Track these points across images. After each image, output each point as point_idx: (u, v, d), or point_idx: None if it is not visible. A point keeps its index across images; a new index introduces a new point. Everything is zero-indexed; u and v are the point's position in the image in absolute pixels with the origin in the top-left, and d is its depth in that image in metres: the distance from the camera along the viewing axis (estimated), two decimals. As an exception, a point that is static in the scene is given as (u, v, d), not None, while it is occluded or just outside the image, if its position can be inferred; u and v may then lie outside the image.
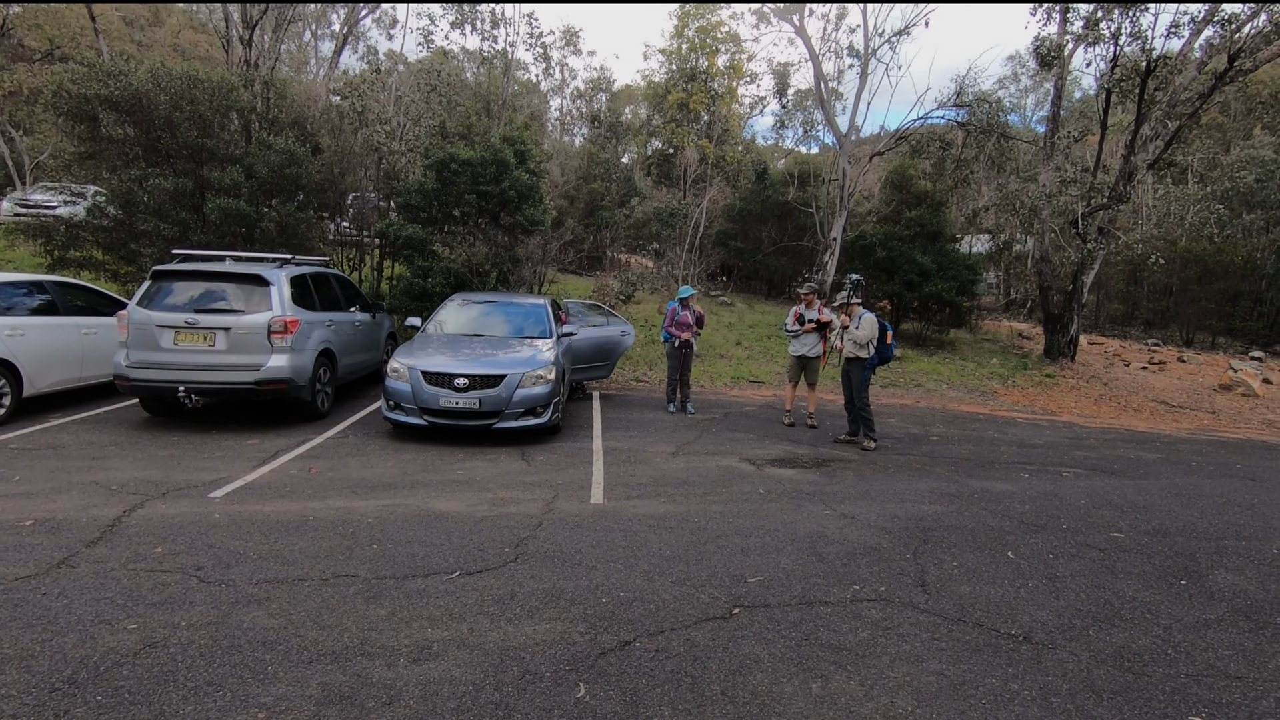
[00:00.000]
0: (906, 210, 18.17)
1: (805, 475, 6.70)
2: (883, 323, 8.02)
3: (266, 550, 4.20)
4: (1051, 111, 17.80)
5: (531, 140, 13.20)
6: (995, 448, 8.67)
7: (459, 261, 11.88)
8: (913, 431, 9.41)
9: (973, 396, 13.07)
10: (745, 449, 7.71)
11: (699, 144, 24.54)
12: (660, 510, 5.37)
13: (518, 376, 7.27)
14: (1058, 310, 17.32)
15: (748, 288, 26.04)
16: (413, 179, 12.12)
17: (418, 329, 8.66)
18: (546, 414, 7.45)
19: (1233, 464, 8.62)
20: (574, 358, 9.51)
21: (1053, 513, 5.85)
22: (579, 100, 32.51)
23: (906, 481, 6.66)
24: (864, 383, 8.08)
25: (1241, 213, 27.50)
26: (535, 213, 12.97)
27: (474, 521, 4.89)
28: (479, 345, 8.00)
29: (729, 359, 14.41)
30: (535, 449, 7.20)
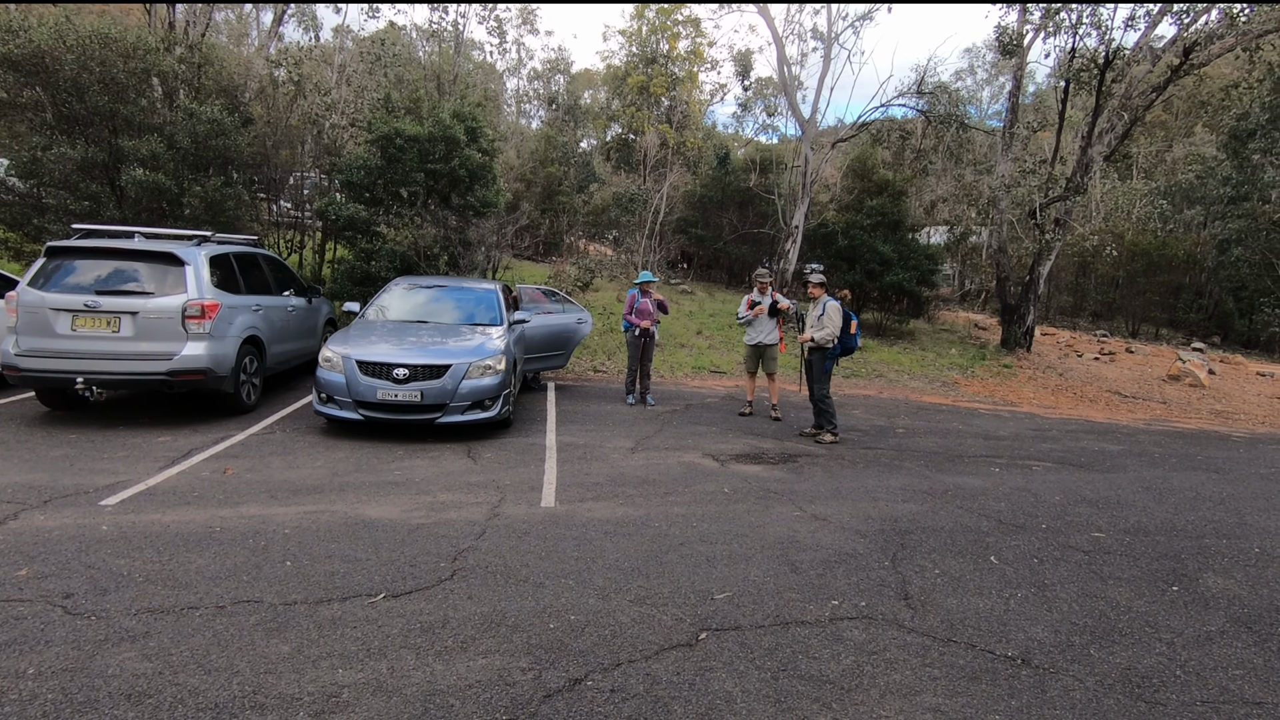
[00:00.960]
0: (868, 199, 18.01)
1: (772, 472, 6.31)
2: (847, 311, 7.67)
3: (156, 571, 3.59)
4: (1010, 102, 17.82)
5: (484, 118, 12.50)
6: (962, 440, 8.45)
7: (405, 244, 11.16)
8: (878, 424, 9.14)
9: (934, 387, 12.94)
10: (708, 443, 7.30)
11: (659, 129, 24.02)
12: (618, 514, 4.90)
13: (464, 367, 6.69)
14: (1014, 301, 17.41)
15: (709, 276, 25.69)
16: (355, 154, 11.32)
17: (356, 315, 7.99)
18: (496, 407, 6.90)
19: (1193, 455, 8.57)
20: (527, 347, 8.96)
21: (1029, 510, 5.58)
22: (536, 81, 31.61)
23: (877, 478, 6.34)
24: (825, 374, 7.74)
25: (1183, 208, 28.32)
26: (488, 194, 12.30)
27: (407, 531, 4.34)
28: (422, 333, 7.38)
29: (690, 348, 14.01)
30: (483, 445, 6.65)
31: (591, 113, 28.64)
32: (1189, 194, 28.63)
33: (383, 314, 7.92)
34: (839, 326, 7.55)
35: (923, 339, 17.90)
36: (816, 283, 7.87)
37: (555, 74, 30.55)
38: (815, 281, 7.88)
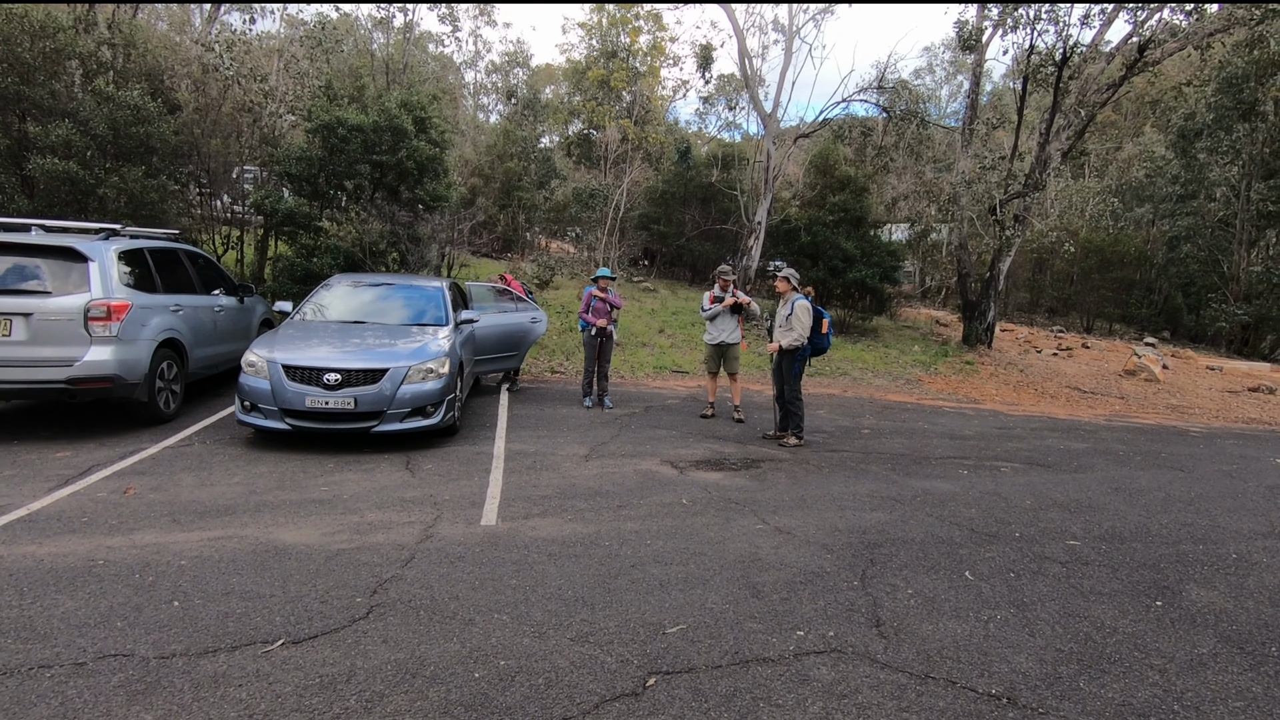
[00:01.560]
0: (831, 195, 17.86)
1: (734, 480, 5.95)
2: (818, 309, 7.36)
3: (12, 618, 3.05)
4: (969, 99, 17.84)
5: (434, 108, 11.92)
6: (928, 440, 8.22)
7: (349, 240, 10.55)
8: (843, 424, 8.88)
9: (899, 385, 12.79)
10: (667, 449, 6.92)
11: (621, 124, 23.59)
12: (565, 532, 4.47)
13: (403, 370, 6.19)
14: (975, 298, 17.44)
15: (671, 273, 25.37)
16: (294, 145, 10.66)
17: (288, 315, 7.41)
18: (438, 414, 6.41)
19: (1157, 453, 8.49)
20: (478, 348, 8.47)
21: (1001, 517, 5.32)
22: (494, 75, 30.86)
23: (844, 483, 6.03)
24: (796, 375, 7.42)
25: (1133, 206, 28.96)
26: (438, 187, 11.74)
27: (325, 558, 3.85)
28: (359, 334, 6.84)
29: (651, 347, 13.62)
30: (424, 455, 6.16)
31: (552, 107, 28.05)
32: (1138, 192, 29.27)
33: (317, 314, 7.35)
34: (808, 327, 7.23)
35: (886, 336, 17.83)
36: (783, 277, 7.54)
37: (514, 67, 29.88)
38: (782, 276, 7.55)
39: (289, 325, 7.00)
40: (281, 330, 6.81)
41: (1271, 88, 21.22)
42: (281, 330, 6.81)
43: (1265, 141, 22.14)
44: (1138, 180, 29.28)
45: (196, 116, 10.36)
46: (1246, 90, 21.35)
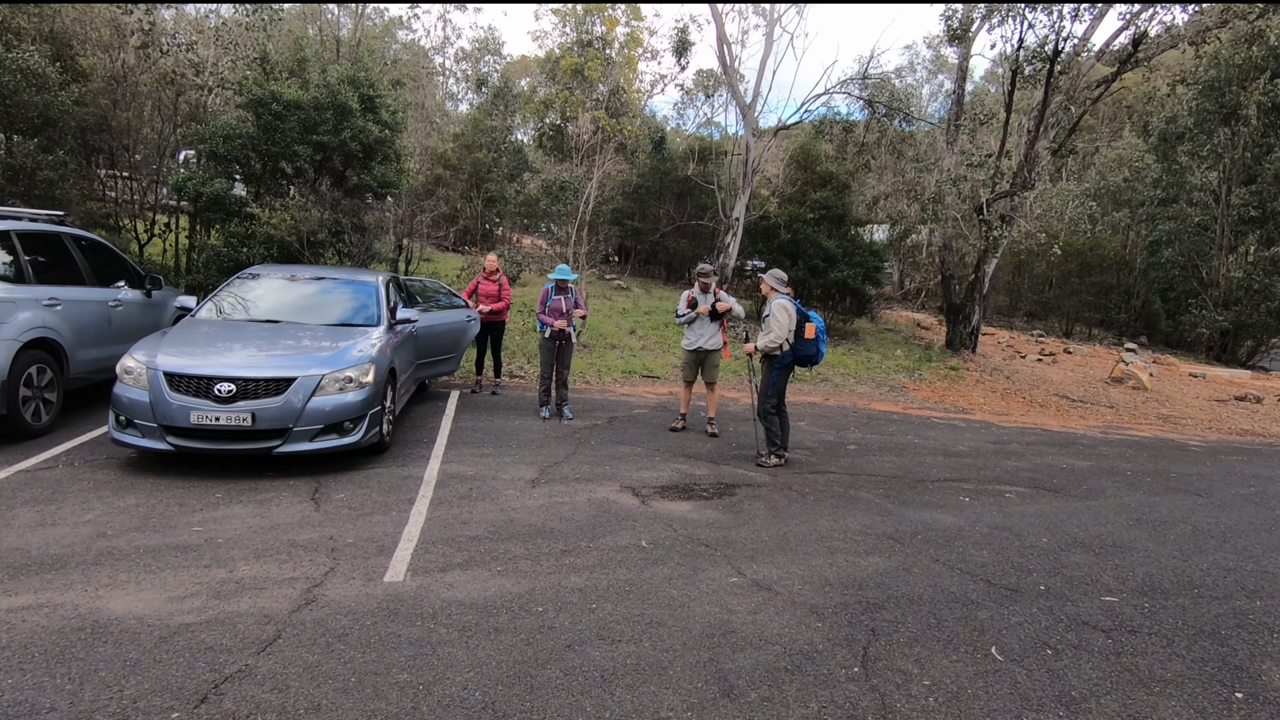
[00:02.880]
0: (811, 191, 17.09)
1: (704, 512, 5.07)
2: (804, 311, 6.49)
3: None
4: (955, 93, 17.20)
5: (385, 86, 10.88)
6: (921, 458, 7.43)
7: (284, 227, 9.48)
8: (827, 439, 8.05)
9: (882, 392, 12.03)
10: (630, 470, 6.01)
11: (596, 115, 22.61)
12: (490, 591, 3.55)
13: (313, 380, 5.20)
14: (959, 301, 16.81)
15: (646, 271, 24.47)
16: (223, 122, 9.56)
17: (189, 312, 6.36)
18: (359, 430, 5.43)
19: (1165, 472, 7.79)
20: (420, 351, 7.49)
21: (1018, 561, 4.50)
22: (464, 62, 29.67)
23: (832, 515, 5.17)
24: (771, 384, 6.54)
25: (1110, 210, 28.72)
26: (387, 172, 10.71)
27: (156, 640, 2.89)
28: (269, 336, 5.83)
29: (621, 350, 12.72)
30: (338, 480, 5.18)
31: (523, 97, 26.97)
32: (1116, 196, 29.05)
33: (224, 311, 6.32)
34: (787, 329, 6.36)
35: (867, 339, 17.12)
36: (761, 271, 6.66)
37: (485, 54, 28.72)
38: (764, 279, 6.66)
39: (185, 325, 5.96)
40: (173, 331, 5.78)
41: (1254, 91, 20.93)
42: (173, 331, 5.78)
43: (1246, 146, 21.87)
44: (1116, 184, 29.05)
45: (107, 86, 9.18)
46: (1229, 94, 21.06)
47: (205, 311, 6.28)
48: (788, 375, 6.58)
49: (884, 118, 19.92)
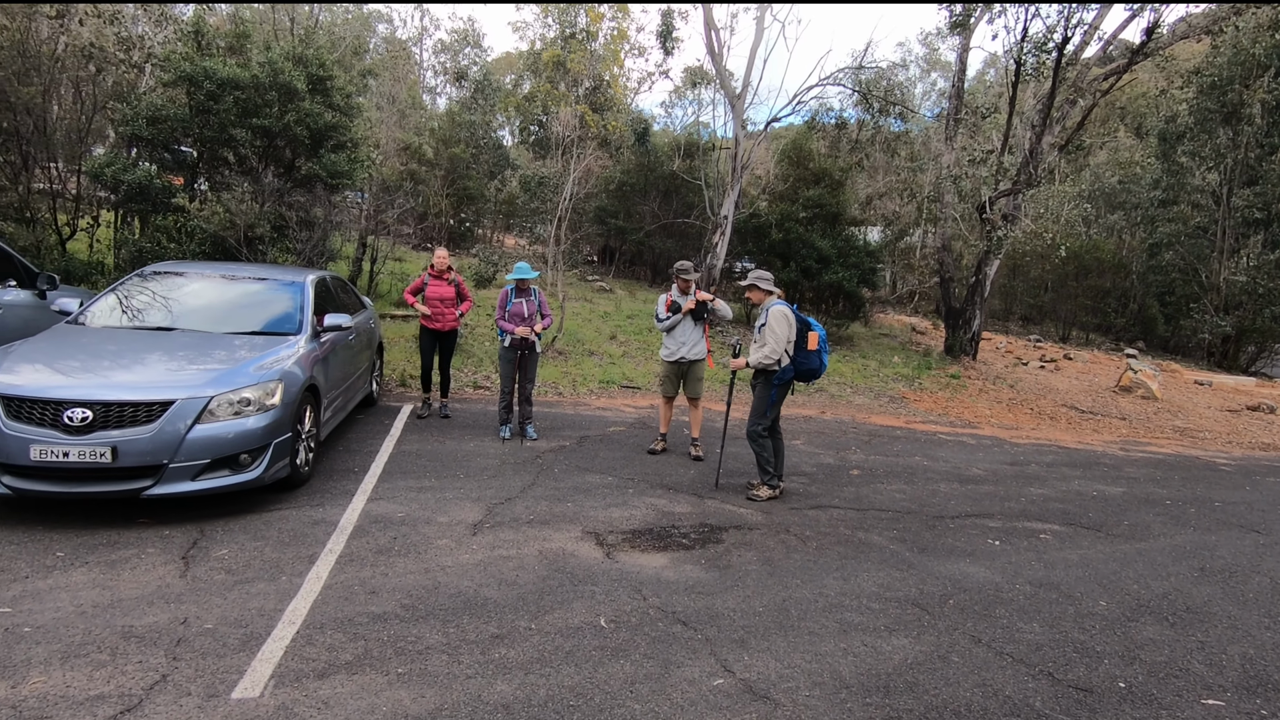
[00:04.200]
0: (804, 189, 16.17)
1: (683, 569, 4.08)
2: (803, 319, 5.52)
3: None
4: (955, 86, 16.34)
5: (336, 65, 9.84)
6: (933, 486, 6.49)
7: (217, 221, 8.41)
8: (827, 461, 7.10)
9: (882, 404, 11.11)
10: (596, 508, 5.02)
11: (579, 109, 21.64)
12: (378, 714, 2.55)
13: (198, 403, 4.17)
14: (959, 304, 15.95)
15: (631, 273, 23.50)
16: (145, 101, 8.49)
17: (67, 317, 5.30)
18: (259, 464, 4.40)
19: (1209, 501, 6.90)
20: (351, 363, 6.47)
21: (1079, 640, 3.55)
22: (443, 54, 28.56)
23: (841, 572, 4.21)
24: (768, 403, 5.57)
25: (1105, 212, 28.08)
26: (339, 160, 9.65)
27: None
28: (153, 347, 4.78)
29: (600, 357, 11.72)
30: (229, 528, 4.15)
31: (503, 91, 25.94)
32: (1111, 198, 28.43)
33: (108, 316, 5.27)
34: (785, 340, 5.39)
35: (862, 345, 16.22)
36: (750, 284, 5.69)
37: (465, 46, 27.64)
38: (748, 284, 5.70)
39: (51, 334, 4.91)
40: (32, 341, 4.72)
41: (1258, 89, 20.27)
42: (32, 341, 4.72)
43: (1249, 146, 21.18)
44: (1111, 186, 28.40)
45: (8, 57, 8.03)
46: (1231, 92, 20.37)
47: (86, 316, 5.23)
48: (786, 392, 5.61)
49: (879, 113, 19.07)
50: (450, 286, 7.13)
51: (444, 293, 7.08)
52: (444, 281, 7.12)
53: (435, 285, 7.07)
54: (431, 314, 7.07)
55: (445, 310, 7.10)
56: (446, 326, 7.15)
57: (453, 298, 7.14)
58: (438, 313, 7.07)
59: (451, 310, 7.14)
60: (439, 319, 7.10)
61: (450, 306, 7.13)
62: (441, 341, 7.24)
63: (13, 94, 7.68)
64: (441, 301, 7.08)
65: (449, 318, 7.14)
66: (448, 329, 7.16)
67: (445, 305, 7.11)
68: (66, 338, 4.77)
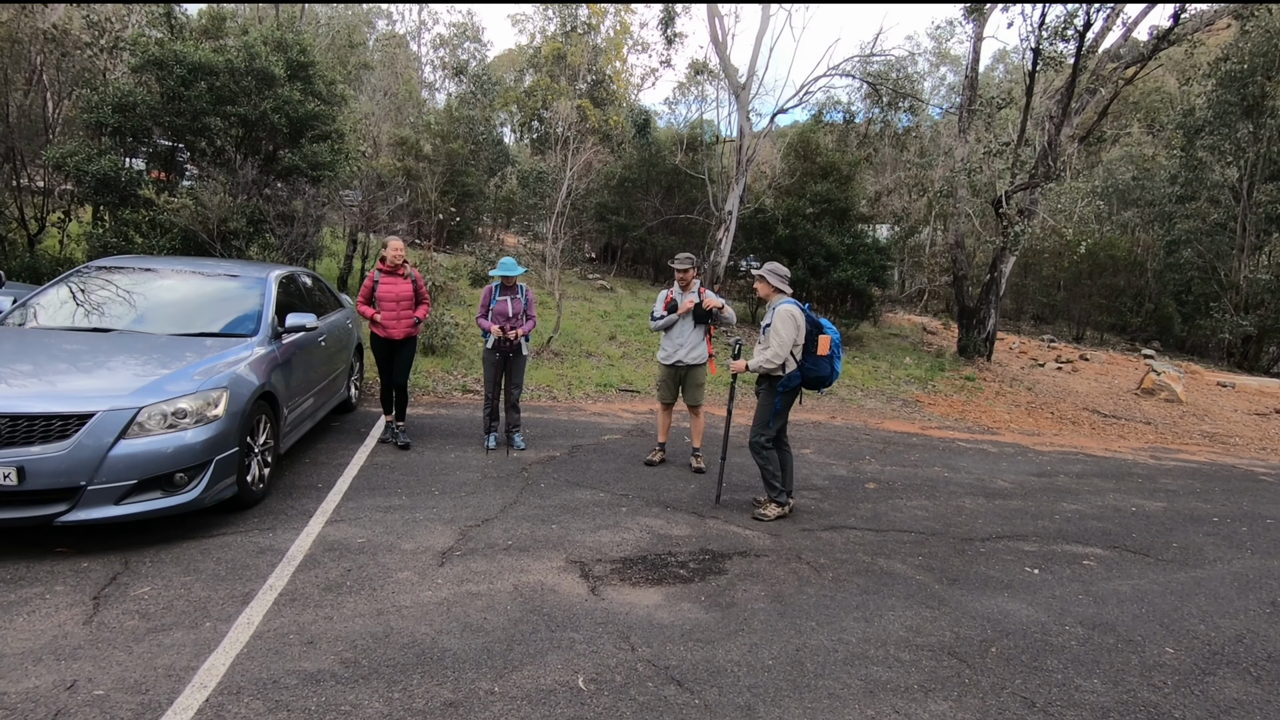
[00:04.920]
0: (811, 184, 15.59)
1: (679, 608, 3.53)
2: (814, 319, 4.95)
3: None
4: (968, 76, 15.72)
5: (319, 50, 9.32)
6: (958, 501, 5.92)
7: (186, 214, 7.89)
8: (839, 473, 6.53)
9: (895, 408, 10.53)
10: (584, 530, 4.47)
11: (580, 103, 21.09)
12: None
13: (123, 415, 3.64)
14: (973, 303, 15.35)
15: (633, 271, 22.94)
16: (112, 87, 7.97)
17: (2, 315, 4.77)
18: (197, 484, 3.85)
19: (1259, 517, 6.30)
20: (323, 367, 5.93)
21: (1152, 703, 2.98)
22: (442, 49, 28.05)
23: (862, 611, 3.65)
24: (772, 412, 5.00)
25: (1119, 209, 27.39)
26: (319, 151, 9.13)
27: None
28: (83, 351, 4.25)
29: (598, 359, 11.18)
30: (158, 559, 3.62)
31: (503, 85, 25.40)
32: (1125, 195, 27.72)
33: (39, 317, 4.74)
34: (790, 343, 4.83)
35: (872, 345, 15.63)
36: (760, 275, 5.12)
37: (464, 41, 27.12)
38: (759, 274, 5.13)
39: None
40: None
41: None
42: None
43: (1272, 139, 20.49)
44: (1125, 182, 27.69)
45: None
46: (1252, 85, 19.66)
47: (16, 316, 4.70)
48: (793, 401, 5.04)
49: (888, 106, 18.47)
50: (407, 283, 6.03)
51: (399, 291, 5.97)
52: (399, 277, 6.01)
53: (389, 283, 5.95)
54: (383, 319, 5.90)
55: (401, 313, 5.97)
56: (402, 333, 5.99)
57: (409, 297, 6.03)
58: (391, 316, 5.92)
59: (408, 313, 6.02)
60: (392, 324, 5.93)
61: (406, 308, 6.01)
62: (396, 352, 6.04)
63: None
64: (396, 302, 5.94)
65: (404, 323, 6.00)
66: (403, 335, 6.01)
67: (401, 307, 5.97)
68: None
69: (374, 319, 5.92)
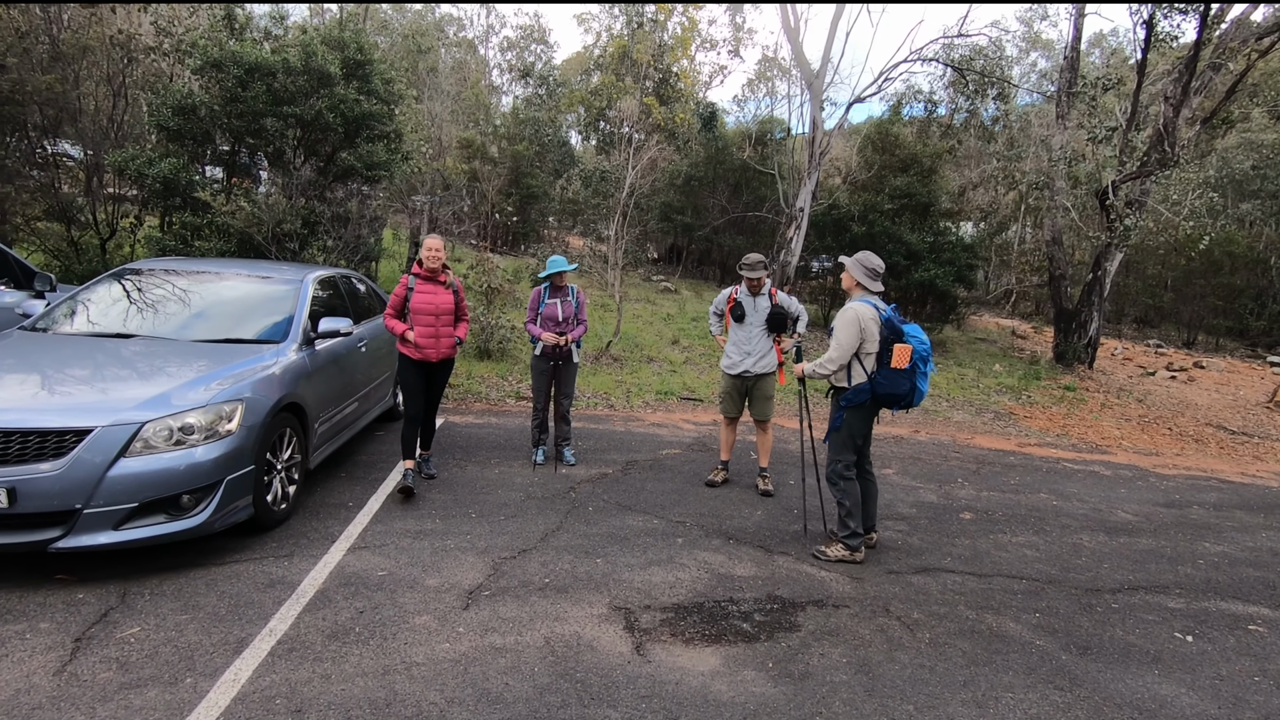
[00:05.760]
0: (890, 177, 14.58)
1: (740, 680, 2.90)
2: (896, 323, 4.19)
3: None
4: (1068, 56, 14.35)
5: (372, 47, 9.12)
6: (1073, 538, 5.04)
7: (242, 217, 7.78)
8: (928, 499, 5.74)
9: (986, 421, 9.52)
10: (632, 567, 3.90)
11: (645, 100, 20.59)
12: None
13: (123, 431, 3.30)
14: (1073, 305, 13.97)
15: (699, 273, 22.29)
16: (173, 90, 7.95)
17: (30, 320, 4.60)
18: (206, 506, 3.49)
19: None
20: (364, 373, 5.58)
21: None
22: (509, 52, 28.14)
23: (972, 694, 2.93)
24: (838, 433, 4.25)
25: (1235, 202, 24.84)
26: (375, 151, 8.92)
27: None
28: (96, 358, 3.98)
29: (659, 364, 10.61)
30: (157, 592, 3.26)
31: (568, 86, 25.21)
32: (1243, 186, 25.14)
33: (67, 322, 4.53)
34: (849, 349, 4.09)
35: (957, 350, 14.46)
36: (844, 262, 4.38)
37: (530, 43, 27.13)
38: (848, 268, 4.38)
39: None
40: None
41: None
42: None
43: None
44: (1243, 172, 25.10)
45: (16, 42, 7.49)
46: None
47: (48, 320, 4.51)
48: (866, 420, 4.27)
49: (974, 94, 17.15)
50: (448, 293, 4.81)
51: (439, 303, 4.74)
52: (439, 285, 4.78)
53: (426, 292, 4.73)
54: (418, 337, 4.70)
55: (440, 330, 4.76)
56: (440, 354, 4.79)
57: (450, 311, 4.81)
58: (429, 334, 4.71)
59: (449, 330, 4.83)
60: (429, 344, 4.72)
61: (447, 325, 4.81)
62: (431, 379, 4.89)
63: (30, 82, 7.23)
64: (435, 317, 4.72)
65: (444, 342, 4.79)
66: (441, 358, 4.82)
67: (441, 323, 4.75)
68: (4, 347, 4.02)
69: (405, 336, 4.75)
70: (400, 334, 4.80)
